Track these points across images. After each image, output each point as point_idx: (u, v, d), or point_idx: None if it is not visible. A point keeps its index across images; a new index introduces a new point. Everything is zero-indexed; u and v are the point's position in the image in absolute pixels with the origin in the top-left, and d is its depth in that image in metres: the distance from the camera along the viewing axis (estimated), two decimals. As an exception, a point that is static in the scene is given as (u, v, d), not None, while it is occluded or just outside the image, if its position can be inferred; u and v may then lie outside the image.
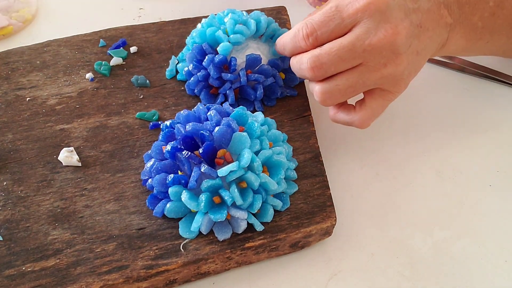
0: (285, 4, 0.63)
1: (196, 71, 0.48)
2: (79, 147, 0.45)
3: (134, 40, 0.56)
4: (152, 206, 0.40)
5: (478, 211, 0.44)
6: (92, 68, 0.53)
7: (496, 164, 0.48)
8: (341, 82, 0.40)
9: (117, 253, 0.37)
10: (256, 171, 0.38)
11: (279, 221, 0.39)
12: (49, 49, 0.55)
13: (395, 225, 0.43)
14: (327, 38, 0.40)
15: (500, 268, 0.40)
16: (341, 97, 0.42)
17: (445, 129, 0.51)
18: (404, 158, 0.48)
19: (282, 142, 0.43)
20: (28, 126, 0.47)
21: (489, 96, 0.54)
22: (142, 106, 0.49)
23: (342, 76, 0.40)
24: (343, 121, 0.44)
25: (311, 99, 0.52)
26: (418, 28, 0.40)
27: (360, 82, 0.40)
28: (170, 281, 0.38)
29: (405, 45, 0.39)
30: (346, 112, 0.44)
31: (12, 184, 0.42)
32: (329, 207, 0.40)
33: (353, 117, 0.43)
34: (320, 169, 0.43)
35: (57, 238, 0.38)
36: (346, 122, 0.44)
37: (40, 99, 0.49)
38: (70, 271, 0.36)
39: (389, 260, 0.40)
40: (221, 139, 0.38)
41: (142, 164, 0.43)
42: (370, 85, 0.41)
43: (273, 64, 0.49)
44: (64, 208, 0.40)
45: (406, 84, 0.42)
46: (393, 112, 0.52)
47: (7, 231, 0.39)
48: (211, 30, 0.48)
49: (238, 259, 0.39)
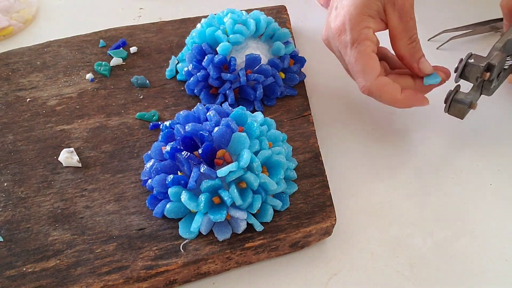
0: (284, 3, 0.63)
1: (196, 71, 0.48)
2: (79, 147, 0.45)
3: (134, 40, 0.56)
4: (152, 207, 0.40)
5: (479, 211, 0.44)
6: (92, 69, 0.53)
7: (497, 163, 0.47)
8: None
9: (117, 253, 0.37)
10: (256, 171, 0.38)
11: (279, 221, 0.39)
12: (49, 50, 0.55)
13: (395, 225, 0.43)
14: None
15: (500, 267, 0.40)
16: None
17: (445, 128, 0.51)
18: (404, 158, 0.48)
19: (282, 142, 0.43)
20: (29, 127, 0.47)
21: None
22: (142, 107, 0.49)
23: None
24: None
25: (311, 99, 0.52)
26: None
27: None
28: (170, 282, 0.38)
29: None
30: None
31: (12, 185, 0.42)
32: (329, 207, 0.40)
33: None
34: (320, 169, 0.43)
35: (58, 238, 0.38)
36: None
37: (41, 100, 0.49)
38: (70, 272, 0.36)
39: (389, 260, 0.40)
40: (221, 140, 0.38)
41: (142, 164, 0.43)
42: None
43: (273, 63, 0.49)
44: (65, 208, 0.40)
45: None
46: (393, 112, 0.52)
47: (7, 232, 0.39)
48: (211, 30, 0.48)
49: (238, 259, 0.39)
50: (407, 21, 0.44)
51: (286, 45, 0.51)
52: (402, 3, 0.43)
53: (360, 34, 0.44)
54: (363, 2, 0.44)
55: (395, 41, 0.45)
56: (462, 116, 0.45)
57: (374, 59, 0.44)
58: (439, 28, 0.61)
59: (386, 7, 0.44)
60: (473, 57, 0.44)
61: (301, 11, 0.65)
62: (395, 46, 0.46)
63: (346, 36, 0.44)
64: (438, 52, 0.59)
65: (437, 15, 0.64)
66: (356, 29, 0.44)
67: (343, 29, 0.44)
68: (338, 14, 0.45)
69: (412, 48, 0.45)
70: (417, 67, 0.45)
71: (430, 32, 0.61)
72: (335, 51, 0.48)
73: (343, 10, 0.45)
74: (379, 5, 0.44)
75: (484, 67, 0.43)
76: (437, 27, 0.61)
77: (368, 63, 0.44)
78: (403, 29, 0.44)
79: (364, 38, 0.44)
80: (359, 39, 0.44)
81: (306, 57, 0.54)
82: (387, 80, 0.45)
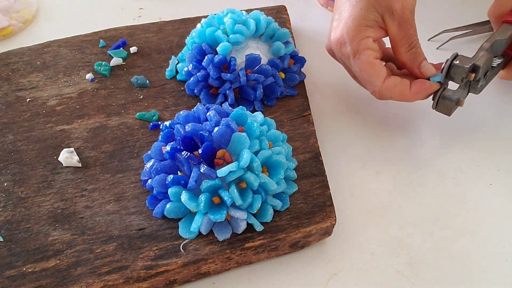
0: (284, 3, 0.63)
1: (196, 71, 0.48)
2: (79, 147, 0.45)
3: (134, 40, 0.56)
4: (152, 207, 0.40)
5: (479, 210, 0.44)
6: (92, 69, 0.53)
7: (497, 163, 0.47)
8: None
9: (117, 253, 0.37)
10: (256, 171, 0.38)
11: (279, 221, 0.39)
12: (49, 50, 0.55)
13: (395, 225, 0.43)
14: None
15: (500, 267, 0.40)
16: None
17: (446, 128, 0.51)
18: (404, 158, 0.48)
19: (282, 142, 0.43)
20: (29, 127, 0.47)
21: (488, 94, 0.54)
22: (142, 107, 0.49)
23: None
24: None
25: (311, 99, 0.52)
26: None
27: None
28: (170, 282, 0.38)
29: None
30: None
31: (12, 185, 0.42)
32: (329, 207, 0.40)
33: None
34: (320, 169, 0.43)
35: (58, 239, 0.38)
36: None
37: (41, 100, 0.49)
38: (70, 272, 0.36)
39: (389, 260, 0.40)
40: (221, 140, 0.38)
41: (142, 164, 0.43)
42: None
43: (273, 63, 0.49)
44: (65, 208, 0.40)
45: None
46: (393, 112, 0.52)
47: (7, 232, 0.39)
48: (211, 30, 0.48)
49: (238, 259, 0.39)
50: (407, 29, 0.44)
51: (286, 45, 0.51)
52: (402, 12, 0.43)
53: (360, 45, 0.44)
54: (360, 14, 0.44)
55: (395, 48, 0.46)
56: (449, 113, 0.46)
57: (378, 65, 0.45)
58: (439, 28, 0.61)
59: (385, 16, 0.44)
60: (459, 58, 0.44)
61: (301, 11, 0.65)
62: (396, 53, 0.46)
63: (347, 48, 0.45)
64: (438, 52, 0.59)
65: (437, 15, 0.64)
66: (355, 41, 0.44)
67: (343, 41, 0.45)
68: (337, 26, 0.46)
69: (412, 54, 0.45)
70: (419, 72, 0.46)
71: (430, 32, 0.61)
72: (339, 61, 0.49)
73: (341, 22, 0.45)
74: (377, 15, 0.44)
75: (469, 68, 0.43)
76: (437, 27, 0.61)
77: (372, 70, 0.45)
78: (403, 37, 0.44)
79: (364, 48, 0.44)
80: (359, 50, 0.44)
81: (306, 57, 0.54)
82: (394, 81, 0.45)
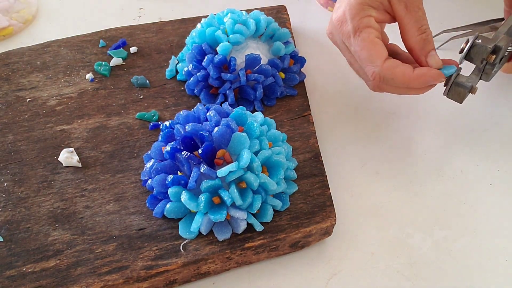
0: (284, 3, 0.63)
1: (196, 71, 0.48)
2: (79, 147, 0.45)
3: (134, 40, 0.56)
4: (152, 207, 0.40)
5: (478, 211, 0.44)
6: (92, 69, 0.53)
7: (497, 163, 0.47)
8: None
9: (117, 253, 0.37)
10: (256, 171, 0.38)
11: (279, 221, 0.39)
12: (49, 50, 0.55)
13: (395, 225, 0.43)
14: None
15: (500, 267, 0.40)
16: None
17: (445, 128, 0.51)
18: (404, 158, 0.48)
19: (282, 142, 0.43)
20: (29, 127, 0.47)
21: (488, 94, 0.54)
22: (142, 107, 0.49)
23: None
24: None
25: (311, 99, 0.52)
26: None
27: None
28: (170, 282, 0.38)
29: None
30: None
31: (12, 185, 0.42)
32: (329, 207, 0.40)
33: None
34: (320, 169, 0.43)
35: (58, 239, 0.38)
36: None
37: (41, 100, 0.49)
38: (70, 272, 0.36)
39: (389, 260, 0.40)
40: (221, 140, 0.38)
41: (142, 164, 0.43)
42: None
43: (273, 63, 0.49)
44: (65, 209, 0.40)
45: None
46: (394, 112, 0.52)
47: (7, 232, 0.39)
48: (211, 30, 0.48)
49: (238, 259, 0.39)
50: (415, 11, 0.43)
51: (286, 45, 0.51)
52: None
53: (361, 22, 0.43)
54: None
55: (404, 32, 0.44)
56: (461, 101, 0.44)
57: (379, 45, 0.43)
58: (439, 28, 0.60)
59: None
60: (480, 38, 0.43)
61: (301, 11, 0.65)
62: (404, 38, 0.44)
63: (348, 26, 0.44)
64: (438, 52, 0.58)
65: (437, 15, 0.64)
66: (356, 18, 0.43)
67: (344, 19, 0.44)
68: (339, 6, 0.45)
69: (422, 40, 0.43)
70: (425, 61, 0.44)
71: (430, 32, 0.61)
72: (339, 44, 0.47)
73: (344, 2, 0.44)
74: None
75: (491, 48, 0.43)
76: (437, 27, 0.61)
77: (373, 48, 0.43)
78: (411, 20, 0.43)
79: (366, 25, 0.43)
80: (360, 27, 0.43)
81: (306, 57, 0.54)
82: (396, 62, 0.43)
